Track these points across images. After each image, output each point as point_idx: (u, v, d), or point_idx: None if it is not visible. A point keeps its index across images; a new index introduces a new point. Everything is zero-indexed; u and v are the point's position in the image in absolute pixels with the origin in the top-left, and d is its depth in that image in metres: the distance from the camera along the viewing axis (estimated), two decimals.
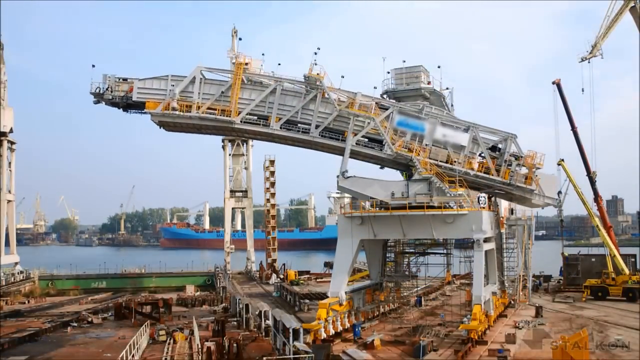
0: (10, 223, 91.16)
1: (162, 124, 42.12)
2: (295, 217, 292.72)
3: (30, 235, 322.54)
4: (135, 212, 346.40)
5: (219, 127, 42.50)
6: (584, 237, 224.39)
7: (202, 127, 42.92)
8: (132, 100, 41.37)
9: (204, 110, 40.54)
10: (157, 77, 41.27)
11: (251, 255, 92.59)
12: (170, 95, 40.49)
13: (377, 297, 46.99)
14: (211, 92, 41.33)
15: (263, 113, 41.21)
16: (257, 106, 41.26)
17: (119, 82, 41.99)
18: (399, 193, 40.20)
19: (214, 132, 45.33)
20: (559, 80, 62.63)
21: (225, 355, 32.07)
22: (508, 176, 41.79)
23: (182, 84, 40.59)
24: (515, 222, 52.69)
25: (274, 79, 41.46)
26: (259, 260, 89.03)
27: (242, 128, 41.25)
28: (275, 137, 42.48)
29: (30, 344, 40.74)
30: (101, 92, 41.40)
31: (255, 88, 41.62)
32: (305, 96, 41.24)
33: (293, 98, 41.35)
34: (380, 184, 41.15)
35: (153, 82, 41.09)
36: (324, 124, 41.21)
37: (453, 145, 41.55)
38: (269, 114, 41.12)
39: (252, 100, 41.09)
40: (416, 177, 40.34)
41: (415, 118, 41.32)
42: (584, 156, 62.43)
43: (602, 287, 54.51)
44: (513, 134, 42.77)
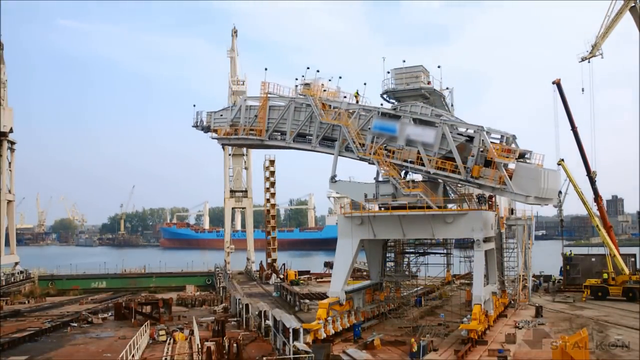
0: (10, 223, 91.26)
1: (222, 143, 54.84)
2: (295, 217, 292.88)
3: (30, 235, 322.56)
4: (135, 212, 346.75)
5: (256, 144, 49.38)
6: (584, 237, 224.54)
7: (246, 144, 55.38)
8: (211, 128, 49.14)
9: (247, 132, 47.25)
10: (224, 109, 49.49)
11: (251, 255, 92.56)
12: (227, 122, 47.97)
13: (377, 297, 47.01)
14: (251, 116, 47.51)
15: (283, 129, 45.98)
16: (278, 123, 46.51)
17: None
18: (370, 194, 41.41)
19: (254, 146, 54.04)
20: (559, 80, 62.60)
21: (225, 355, 32.08)
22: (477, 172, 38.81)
23: (232, 112, 47.90)
24: (515, 222, 52.71)
25: (289, 99, 45.69)
26: (259, 260, 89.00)
27: (270, 144, 47.94)
28: (288, 148, 47.80)
29: (30, 344, 40.82)
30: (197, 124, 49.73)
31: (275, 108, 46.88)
32: (306, 110, 44.87)
33: (300, 112, 45.20)
34: (357, 186, 43.59)
35: (223, 113, 48.86)
36: (322, 133, 44.08)
37: (423, 144, 40.38)
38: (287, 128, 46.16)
39: (275, 119, 46.48)
40: (381, 179, 41.69)
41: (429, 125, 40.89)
42: (584, 156, 62.38)
43: (602, 287, 54.52)
44: (480, 126, 39.68)
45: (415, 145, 40.58)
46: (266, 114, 46.60)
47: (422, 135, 40.83)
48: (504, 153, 38.06)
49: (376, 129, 41.63)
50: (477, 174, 38.70)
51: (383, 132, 41.37)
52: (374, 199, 41.26)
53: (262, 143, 47.46)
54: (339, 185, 44.83)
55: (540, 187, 37.56)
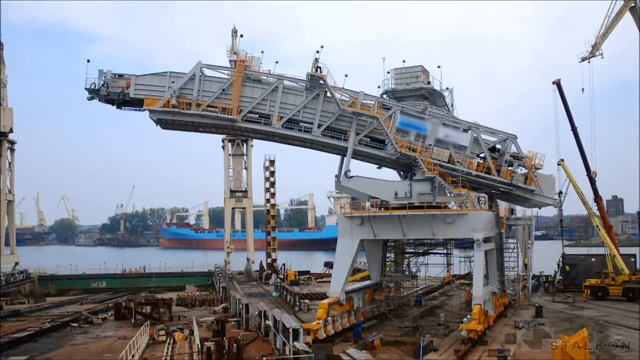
0: (10, 223, 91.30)
1: (160, 122, 41.24)
2: (295, 217, 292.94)
3: (30, 236, 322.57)
4: (135, 212, 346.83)
5: (219, 126, 41.82)
6: (584, 237, 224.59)
7: (201, 125, 42.21)
8: (129, 97, 40.18)
9: (204, 108, 39.71)
10: (156, 74, 40.19)
11: (251, 255, 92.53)
12: (170, 92, 39.53)
13: (377, 297, 46.99)
14: (212, 90, 40.40)
15: (265, 111, 40.72)
16: (258, 104, 40.79)
17: (115, 78, 40.88)
18: (402, 193, 40.36)
19: (214, 130, 44.06)
20: (559, 80, 62.64)
21: (225, 355, 32.05)
22: (509, 176, 42.20)
23: (181, 81, 39.70)
24: (515, 222, 52.69)
25: (276, 77, 40.88)
26: (259, 260, 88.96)
27: (243, 126, 40.78)
28: (277, 136, 42.13)
29: (30, 344, 40.77)
30: (97, 88, 40.31)
31: (256, 86, 41.09)
32: (307, 95, 40.89)
33: (295, 96, 40.92)
34: (384, 184, 41.24)
35: (152, 78, 39.98)
36: (326, 123, 40.94)
37: (454, 146, 41.71)
38: (270, 112, 40.66)
39: (254, 98, 40.56)
40: (419, 177, 40.54)
41: (417, 118, 41.33)
42: (584, 156, 62.40)
43: (602, 287, 54.52)
44: (513, 134, 43.20)
45: (444, 146, 41.14)
46: (239, 90, 40.25)
47: (457, 138, 41.98)
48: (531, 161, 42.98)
49: (403, 125, 40.96)
50: (508, 178, 42.13)
51: (409, 129, 40.85)
52: (405, 197, 40.22)
53: (232, 124, 40.46)
54: (354, 181, 40.96)
55: (554, 192, 41.19)
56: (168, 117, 40.06)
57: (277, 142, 44.49)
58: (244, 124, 40.26)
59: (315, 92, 40.80)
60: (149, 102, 39.30)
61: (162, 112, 39.71)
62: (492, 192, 44.46)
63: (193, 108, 39.43)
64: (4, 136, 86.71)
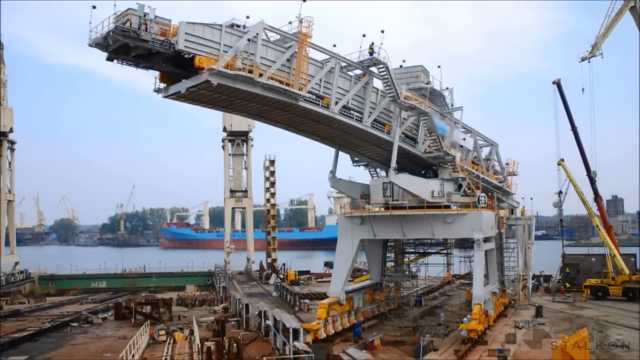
0: (10, 223, 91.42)
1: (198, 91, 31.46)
2: (295, 217, 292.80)
3: (30, 236, 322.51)
4: (135, 212, 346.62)
5: (272, 102, 33.95)
6: (584, 237, 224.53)
7: (249, 99, 33.49)
8: (175, 49, 29.25)
9: (270, 77, 31.91)
10: (209, 24, 30.65)
11: (251, 255, 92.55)
12: (233, 52, 30.71)
13: (377, 297, 46.99)
14: (268, 57, 32.85)
15: (318, 92, 35.51)
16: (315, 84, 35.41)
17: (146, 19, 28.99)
18: (436, 192, 40.06)
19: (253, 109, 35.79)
20: (559, 80, 62.70)
21: (225, 355, 32.05)
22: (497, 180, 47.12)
23: (242, 41, 31.27)
24: (515, 222, 52.74)
25: (333, 55, 35.82)
26: (259, 260, 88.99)
27: (303, 106, 34.22)
28: (325, 123, 36.92)
29: (30, 344, 40.80)
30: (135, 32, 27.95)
31: (312, 63, 35.27)
32: (355, 81, 37.56)
33: (344, 80, 37.10)
34: (422, 182, 40.46)
35: (204, 29, 30.31)
36: (374, 113, 38.29)
37: (462, 148, 42.49)
38: (325, 94, 35.69)
39: (310, 75, 34.61)
40: (446, 177, 40.89)
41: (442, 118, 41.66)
42: (584, 156, 62.43)
43: (602, 286, 54.53)
44: (496, 142, 48.55)
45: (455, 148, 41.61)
46: (305, 64, 33.52)
47: (467, 142, 42.67)
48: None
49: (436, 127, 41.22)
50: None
51: (437, 130, 40.53)
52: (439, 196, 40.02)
53: (294, 102, 33.37)
54: (400, 178, 38.50)
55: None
56: (229, 84, 30.81)
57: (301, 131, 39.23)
58: (304, 104, 34.10)
59: (366, 79, 37.91)
60: (203, 60, 29.75)
61: (228, 75, 30.35)
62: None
63: (256, 76, 31.26)
64: (4, 136, 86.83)
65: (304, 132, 39.79)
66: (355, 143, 40.80)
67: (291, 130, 39.71)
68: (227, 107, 36.21)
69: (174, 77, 31.90)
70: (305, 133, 39.99)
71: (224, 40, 30.90)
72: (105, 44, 28.67)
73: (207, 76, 29.65)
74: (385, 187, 40.15)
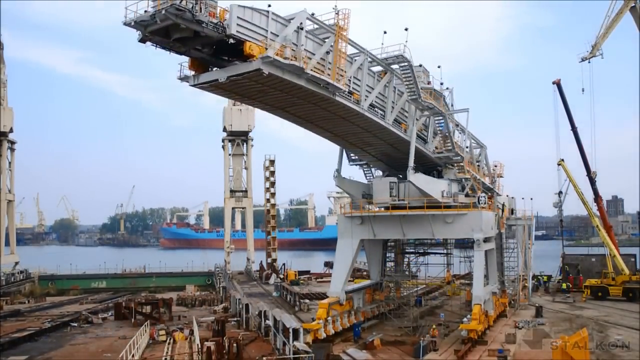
0: (10, 223, 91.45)
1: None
2: (295, 217, 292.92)
3: (30, 236, 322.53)
4: (135, 212, 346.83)
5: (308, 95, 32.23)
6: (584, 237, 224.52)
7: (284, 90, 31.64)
8: (226, 33, 27.26)
9: (313, 68, 30.36)
10: (257, 9, 28.96)
11: (251, 255, 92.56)
12: (282, 40, 29.12)
13: (377, 297, 46.99)
14: (309, 49, 31.40)
15: (349, 88, 34.53)
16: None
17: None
18: (445, 192, 40.19)
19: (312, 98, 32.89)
20: (559, 80, 62.75)
21: (225, 355, 32.06)
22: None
23: (288, 29, 29.77)
24: (515, 222, 52.75)
25: (362, 51, 35.03)
26: (259, 260, 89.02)
27: (340, 102, 33.23)
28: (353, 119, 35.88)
29: (30, 344, 40.79)
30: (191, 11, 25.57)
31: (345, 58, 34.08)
32: (378, 78, 36.99)
33: (369, 77, 36.24)
34: (436, 183, 40.43)
35: (253, 14, 28.44)
36: (395, 111, 37.93)
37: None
38: (354, 90, 34.97)
39: (343, 71, 33.53)
40: (452, 177, 41.16)
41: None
42: (584, 156, 62.48)
43: (602, 287, 54.53)
44: (485, 144, 50.30)
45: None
46: (343, 57, 32.42)
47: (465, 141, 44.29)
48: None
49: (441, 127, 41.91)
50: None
51: (450, 130, 41.35)
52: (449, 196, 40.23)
53: (331, 97, 32.08)
54: (417, 177, 38.25)
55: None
56: (277, 73, 28.90)
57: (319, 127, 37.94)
58: (340, 98, 32.91)
59: (388, 77, 37.27)
60: (254, 47, 27.93)
61: (279, 65, 28.59)
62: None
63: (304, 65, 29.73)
64: (4, 136, 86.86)
65: (321, 128, 38.16)
66: (368, 141, 39.68)
67: (305, 126, 38.12)
68: (256, 99, 33.83)
69: (204, 65, 30.21)
70: (320, 129, 38.43)
71: (270, 27, 29.27)
72: (147, 24, 26.21)
73: (259, 64, 27.81)
74: (392, 187, 39.94)
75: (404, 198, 39.71)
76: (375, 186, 41.33)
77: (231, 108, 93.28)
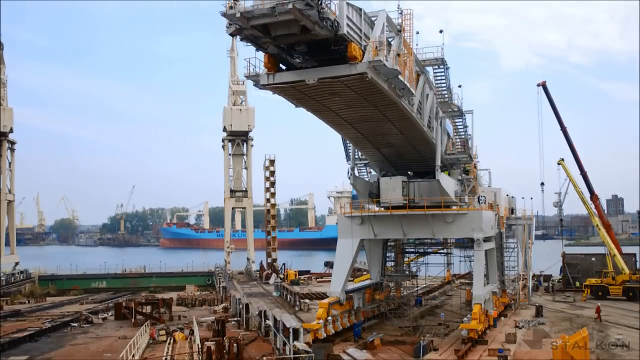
0: (10, 223, 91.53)
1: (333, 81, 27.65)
2: (295, 217, 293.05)
3: (30, 236, 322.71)
4: (135, 212, 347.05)
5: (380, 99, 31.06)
6: (584, 237, 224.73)
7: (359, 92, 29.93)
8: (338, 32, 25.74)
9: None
10: (354, 7, 27.54)
11: (251, 255, 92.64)
12: (374, 42, 27.51)
13: (377, 296, 46.99)
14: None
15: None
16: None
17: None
18: (458, 191, 40.68)
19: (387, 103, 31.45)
20: (544, 82, 63.14)
21: (225, 355, 32.05)
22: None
23: (376, 30, 28.15)
24: (515, 221, 52.76)
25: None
26: (259, 260, 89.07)
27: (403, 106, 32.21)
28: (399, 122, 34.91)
29: (30, 344, 40.74)
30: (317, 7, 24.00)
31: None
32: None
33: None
34: (452, 182, 40.49)
35: (353, 13, 27.31)
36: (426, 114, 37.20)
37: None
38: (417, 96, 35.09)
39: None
40: (458, 177, 41.35)
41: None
42: (576, 155, 62.86)
43: (602, 286, 54.54)
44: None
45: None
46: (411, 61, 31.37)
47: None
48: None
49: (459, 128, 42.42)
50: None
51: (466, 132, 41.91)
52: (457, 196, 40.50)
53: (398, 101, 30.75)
54: (443, 177, 38.22)
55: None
56: (378, 81, 27.84)
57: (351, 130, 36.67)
58: (404, 103, 31.99)
59: (424, 79, 36.24)
60: (356, 49, 26.70)
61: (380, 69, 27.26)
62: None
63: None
64: (4, 136, 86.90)
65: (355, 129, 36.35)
66: (393, 142, 38.24)
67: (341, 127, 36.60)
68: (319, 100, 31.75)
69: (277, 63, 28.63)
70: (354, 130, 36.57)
71: (364, 27, 27.99)
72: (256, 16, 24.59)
73: (365, 68, 26.55)
74: (403, 186, 39.48)
75: (413, 197, 39.63)
76: (384, 185, 40.19)
77: (231, 108, 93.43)
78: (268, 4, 24.11)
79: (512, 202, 54.32)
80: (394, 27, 30.35)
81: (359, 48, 26.94)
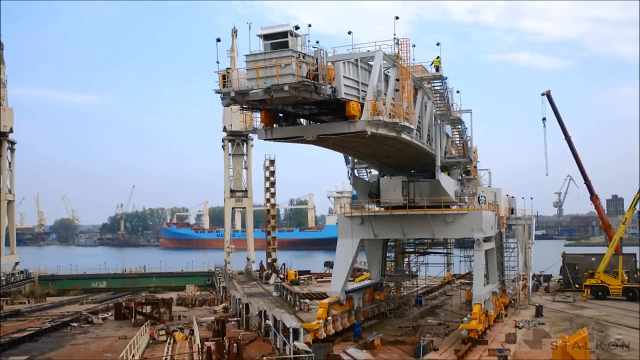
0: (10, 223, 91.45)
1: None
2: (295, 217, 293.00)
3: (30, 236, 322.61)
4: (135, 212, 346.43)
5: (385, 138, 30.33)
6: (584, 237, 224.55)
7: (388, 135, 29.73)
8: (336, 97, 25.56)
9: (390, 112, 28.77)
10: (351, 62, 26.97)
11: (251, 255, 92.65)
12: (372, 92, 27.05)
13: (377, 296, 46.98)
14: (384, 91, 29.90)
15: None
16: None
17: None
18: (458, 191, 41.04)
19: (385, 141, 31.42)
20: (548, 92, 63.23)
21: (225, 355, 32.06)
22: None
23: (373, 77, 27.55)
24: (515, 221, 52.75)
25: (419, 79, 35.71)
26: (259, 260, 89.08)
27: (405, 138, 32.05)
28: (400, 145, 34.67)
29: (30, 344, 40.79)
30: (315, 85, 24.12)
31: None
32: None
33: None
34: (452, 182, 41.09)
35: (345, 67, 26.29)
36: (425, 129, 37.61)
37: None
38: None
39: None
40: (458, 177, 41.96)
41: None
42: (580, 164, 63.10)
43: (602, 286, 54.53)
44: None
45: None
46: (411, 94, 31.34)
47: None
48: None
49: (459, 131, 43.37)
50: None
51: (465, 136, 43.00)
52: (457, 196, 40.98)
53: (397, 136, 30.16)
54: (443, 177, 38.87)
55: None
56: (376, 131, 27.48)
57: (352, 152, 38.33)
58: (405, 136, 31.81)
59: (422, 94, 36.49)
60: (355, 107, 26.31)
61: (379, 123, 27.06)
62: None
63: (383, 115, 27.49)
64: (4, 136, 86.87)
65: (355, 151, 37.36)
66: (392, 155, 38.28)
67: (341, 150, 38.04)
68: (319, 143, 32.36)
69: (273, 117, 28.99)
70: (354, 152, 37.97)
71: (361, 78, 27.54)
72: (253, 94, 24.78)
73: (364, 126, 26.35)
74: (403, 186, 39.65)
75: (413, 197, 39.77)
76: (384, 185, 40.40)
77: (231, 108, 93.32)
78: (263, 85, 24.05)
79: (512, 202, 54.30)
80: (390, 61, 30.58)
81: (357, 105, 26.65)
